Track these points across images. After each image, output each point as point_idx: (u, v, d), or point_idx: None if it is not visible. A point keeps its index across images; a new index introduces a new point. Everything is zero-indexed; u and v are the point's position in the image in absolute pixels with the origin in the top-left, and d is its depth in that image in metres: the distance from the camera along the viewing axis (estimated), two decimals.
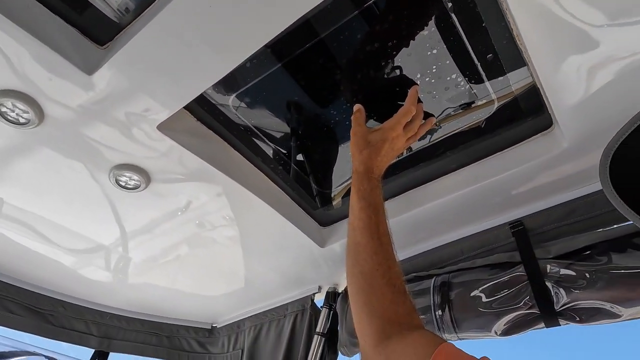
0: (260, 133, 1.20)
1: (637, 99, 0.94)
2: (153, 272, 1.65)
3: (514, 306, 1.06)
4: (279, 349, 1.55)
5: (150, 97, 0.92)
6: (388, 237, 0.93)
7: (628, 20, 0.78)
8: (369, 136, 1.00)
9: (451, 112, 1.12)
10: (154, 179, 1.14)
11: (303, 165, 1.32)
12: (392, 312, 0.84)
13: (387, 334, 0.82)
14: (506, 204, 1.22)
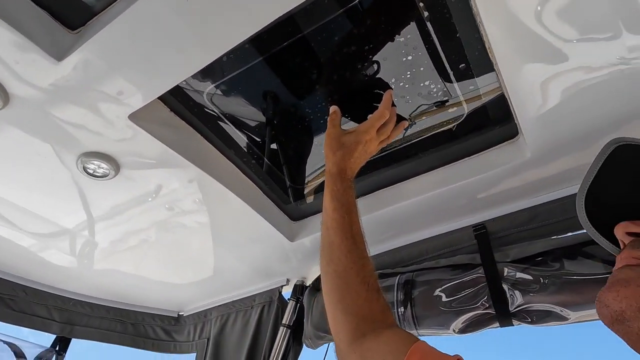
0: (234, 124, 1.19)
1: (597, 114, 0.99)
2: (120, 259, 1.63)
3: (471, 306, 1.11)
4: (245, 339, 1.56)
5: (122, 87, 0.90)
6: (361, 236, 0.95)
7: (595, 37, 0.82)
8: (343, 138, 1.01)
9: (425, 108, 1.15)
10: (123, 168, 1.13)
11: (276, 159, 1.32)
12: (366, 310, 0.86)
13: (361, 332, 0.84)
14: (471, 207, 1.26)
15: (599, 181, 0.57)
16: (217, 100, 1.11)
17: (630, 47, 0.81)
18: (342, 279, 0.90)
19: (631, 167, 0.54)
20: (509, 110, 1.04)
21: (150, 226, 1.45)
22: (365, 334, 0.83)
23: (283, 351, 1.45)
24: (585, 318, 0.99)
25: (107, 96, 0.91)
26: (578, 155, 1.08)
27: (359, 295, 0.88)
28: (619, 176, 0.56)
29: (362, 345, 0.83)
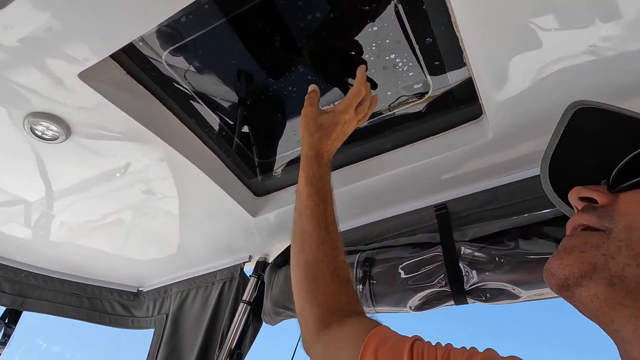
0: (197, 95, 1.15)
1: (560, 99, 0.99)
2: (78, 232, 1.57)
3: (428, 284, 1.12)
4: (205, 315, 1.54)
5: (70, 41, 0.84)
6: (335, 226, 0.93)
7: (568, 24, 0.81)
8: (321, 118, 0.97)
9: (405, 99, 1.13)
10: (75, 132, 1.07)
11: (246, 135, 1.29)
12: (334, 302, 0.85)
13: (327, 323, 0.83)
14: (434, 187, 1.27)
15: (560, 147, 0.56)
16: (181, 71, 1.06)
17: (603, 36, 0.82)
18: (312, 270, 0.88)
19: (589, 131, 0.54)
20: (475, 91, 1.03)
21: (110, 202, 1.40)
22: (330, 325, 0.83)
23: (242, 327, 1.44)
24: (536, 297, 1.01)
25: (53, 50, 0.85)
26: (539, 139, 1.09)
27: (328, 287, 0.86)
28: (578, 141, 0.56)
29: (327, 335, 0.82)
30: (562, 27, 0.82)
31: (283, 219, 1.44)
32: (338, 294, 0.86)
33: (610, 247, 0.44)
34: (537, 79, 0.93)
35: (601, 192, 0.50)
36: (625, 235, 0.44)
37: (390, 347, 0.71)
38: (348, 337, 0.78)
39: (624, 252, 0.43)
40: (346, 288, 0.88)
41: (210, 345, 1.48)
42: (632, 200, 0.47)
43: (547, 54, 0.87)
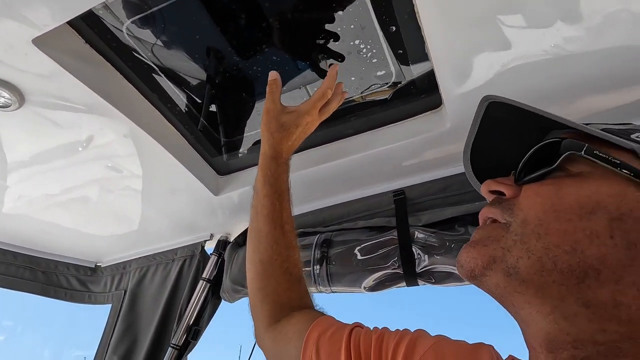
0: (161, 69, 1.13)
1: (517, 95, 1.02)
2: (33, 204, 1.52)
3: (382, 266, 1.16)
4: (164, 292, 1.54)
5: (25, 5, 0.81)
6: (291, 224, 0.94)
7: (533, 23, 0.84)
8: (283, 118, 0.96)
9: (377, 88, 1.15)
10: (28, 100, 1.03)
11: (211, 113, 1.28)
12: (285, 298, 0.89)
13: (277, 318, 0.88)
14: (393, 173, 1.30)
15: (479, 139, 0.59)
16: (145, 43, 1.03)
17: (564, 37, 0.86)
18: (266, 268, 0.91)
19: (502, 124, 0.57)
20: (436, 81, 1.07)
21: (68, 175, 1.36)
22: (280, 320, 0.87)
23: (201, 304, 1.45)
24: None
25: (6, 14, 0.82)
26: None
27: (279, 285, 0.90)
28: (494, 133, 0.59)
29: (276, 329, 0.87)
30: (525, 26, 0.85)
31: (246, 198, 1.44)
32: (289, 291, 0.90)
33: (507, 240, 0.48)
34: (495, 73, 0.97)
35: (508, 185, 0.53)
36: (520, 229, 0.47)
37: (331, 336, 0.76)
38: (294, 329, 0.83)
39: (518, 245, 0.47)
40: (297, 285, 0.91)
41: (168, 321, 1.49)
42: (529, 194, 0.49)
43: (508, 50, 0.90)
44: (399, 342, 0.69)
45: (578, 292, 0.43)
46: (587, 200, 0.45)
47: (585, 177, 0.47)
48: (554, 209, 0.46)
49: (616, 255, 0.43)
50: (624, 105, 1.04)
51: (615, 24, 0.82)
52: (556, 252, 0.44)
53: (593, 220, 0.44)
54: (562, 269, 0.44)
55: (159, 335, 1.48)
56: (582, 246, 0.44)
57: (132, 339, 1.53)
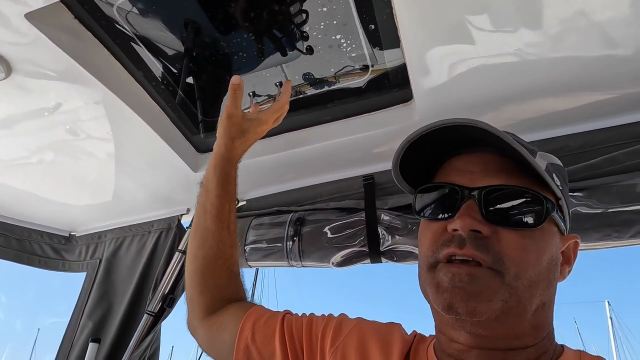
0: (147, 46, 1.16)
1: (482, 92, 1.14)
2: (8, 172, 1.53)
3: (350, 244, 1.27)
4: (139, 262, 1.60)
5: None
6: (235, 223, 1.00)
7: (499, 28, 0.94)
8: (245, 125, 1.01)
9: (350, 69, 1.20)
10: (16, 71, 1.06)
11: (190, 90, 1.32)
12: (223, 293, 0.96)
13: (213, 310, 0.94)
14: (364, 159, 1.40)
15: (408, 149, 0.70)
16: (132, 17, 1.06)
17: (527, 42, 0.96)
18: (210, 265, 0.95)
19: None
20: (407, 77, 1.15)
21: (46, 144, 1.39)
22: (215, 311, 0.94)
23: (177, 274, 1.52)
24: None
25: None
26: None
27: (220, 280, 0.96)
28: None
29: (211, 320, 0.94)
30: (493, 29, 0.95)
31: None
32: (228, 287, 0.97)
33: (504, 293, 0.57)
34: (463, 72, 1.06)
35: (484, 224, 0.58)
36: (515, 283, 0.57)
37: (265, 322, 0.86)
38: (230, 318, 0.91)
39: (513, 297, 0.57)
40: (235, 281, 0.99)
41: (143, 290, 1.55)
42: (515, 246, 0.58)
43: (476, 50, 1.00)
44: (327, 325, 0.80)
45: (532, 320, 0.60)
46: (548, 254, 0.60)
47: (546, 231, 0.60)
48: (536, 264, 0.58)
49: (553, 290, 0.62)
50: (571, 108, 1.17)
51: (571, 33, 0.93)
52: (533, 299, 0.59)
53: (549, 270, 0.60)
54: (532, 308, 0.59)
55: (134, 302, 1.55)
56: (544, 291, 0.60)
57: (107, 305, 1.59)
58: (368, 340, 0.75)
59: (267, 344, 0.82)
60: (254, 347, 0.83)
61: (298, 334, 0.81)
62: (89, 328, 1.57)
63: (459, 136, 0.63)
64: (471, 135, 0.62)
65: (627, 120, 1.16)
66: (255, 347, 0.82)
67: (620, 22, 0.90)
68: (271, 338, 0.82)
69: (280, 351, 0.80)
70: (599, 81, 1.08)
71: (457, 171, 0.65)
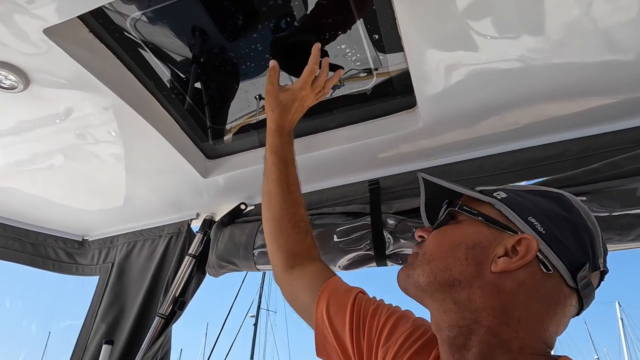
0: (158, 56, 1.20)
1: (484, 98, 1.16)
2: (22, 178, 1.58)
3: (356, 247, 1.30)
4: (150, 266, 1.64)
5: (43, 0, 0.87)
6: (296, 186, 1.13)
7: (502, 34, 0.96)
8: (280, 96, 1.11)
9: (355, 73, 1.23)
10: (33, 83, 1.10)
11: (198, 97, 1.36)
12: (295, 248, 1.09)
13: (291, 265, 1.07)
14: (370, 164, 1.43)
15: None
16: (142, 28, 1.11)
17: (529, 48, 0.98)
18: (277, 223, 1.10)
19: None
20: (411, 84, 1.18)
21: (59, 149, 1.43)
22: (294, 267, 1.07)
23: (187, 278, 1.56)
24: None
25: (22, 6, 0.88)
26: (462, 131, 1.28)
27: (290, 237, 1.09)
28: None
29: (291, 275, 1.07)
30: (496, 36, 0.97)
31: (231, 182, 1.55)
32: (298, 242, 1.09)
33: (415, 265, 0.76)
34: (465, 78, 1.09)
35: (427, 231, 0.80)
36: (421, 258, 0.76)
37: (341, 296, 0.95)
38: (308, 280, 1.03)
39: (418, 268, 0.75)
40: (304, 237, 1.11)
41: (154, 293, 1.59)
42: (430, 238, 0.78)
43: (479, 57, 1.02)
44: (388, 318, 0.88)
45: (450, 295, 0.70)
46: (456, 238, 0.73)
47: (460, 224, 0.76)
48: (439, 245, 0.75)
49: (469, 270, 0.70)
50: (572, 113, 1.19)
51: (573, 39, 0.95)
52: (437, 271, 0.72)
53: (457, 250, 0.72)
54: (440, 281, 0.71)
55: (145, 305, 1.59)
56: (450, 266, 0.71)
57: (120, 308, 1.63)
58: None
59: (340, 316, 0.92)
60: (327, 316, 0.93)
61: (364, 316, 0.90)
62: (102, 330, 1.61)
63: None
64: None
65: (627, 125, 1.18)
66: (329, 317, 0.93)
67: (622, 27, 0.91)
68: (343, 313, 0.92)
69: (348, 327, 0.90)
70: (600, 86, 1.10)
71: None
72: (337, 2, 1.03)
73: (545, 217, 0.72)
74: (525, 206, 0.73)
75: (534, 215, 0.72)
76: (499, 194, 0.75)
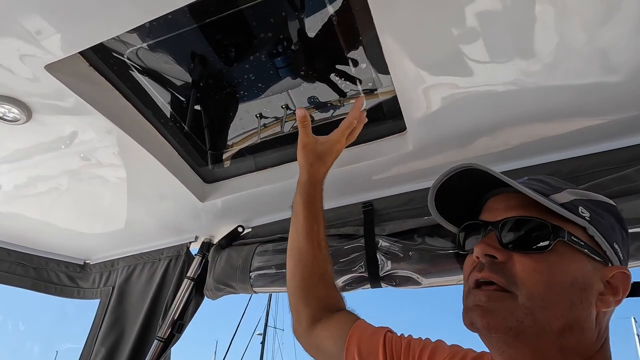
0: (157, 83, 1.24)
1: (473, 120, 1.18)
2: (25, 203, 1.62)
3: (350, 269, 1.31)
4: (150, 288, 1.66)
5: (43, 36, 0.91)
6: (325, 241, 1.11)
7: (492, 58, 0.97)
8: (318, 149, 1.12)
9: (354, 93, 1.26)
10: (36, 116, 1.14)
11: (196, 123, 1.40)
12: (324, 303, 1.06)
13: (317, 319, 1.05)
14: (363, 186, 1.45)
15: (444, 184, 0.75)
16: (142, 56, 1.14)
17: (520, 71, 1.00)
18: (307, 280, 1.07)
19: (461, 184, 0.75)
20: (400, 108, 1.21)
21: (60, 174, 1.46)
22: (320, 320, 1.04)
23: (185, 300, 1.58)
24: (433, 284, 1.23)
25: (25, 43, 0.93)
26: (452, 152, 1.30)
27: (319, 292, 1.07)
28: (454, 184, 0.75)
29: (316, 329, 1.04)
30: (486, 60, 0.98)
31: (229, 205, 1.58)
32: (327, 298, 1.07)
33: (519, 313, 0.62)
34: (454, 101, 1.11)
35: (499, 250, 0.66)
36: (528, 303, 0.62)
37: (369, 337, 0.94)
38: (334, 329, 1.00)
39: (528, 317, 0.62)
40: (334, 291, 1.09)
41: (154, 316, 1.61)
42: (527, 269, 0.64)
43: (468, 81, 1.04)
44: (423, 350, 0.87)
45: (558, 342, 0.62)
46: (567, 276, 0.63)
47: (562, 255, 0.64)
48: (550, 285, 0.62)
49: (583, 315, 0.63)
50: (562, 134, 1.21)
51: (563, 62, 0.97)
52: (552, 319, 0.62)
53: (572, 293, 0.62)
54: (555, 330, 0.62)
55: (145, 328, 1.60)
56: (566, 313, 0.62)
57: (120, 331, 1.65)
58: None
59: (372, 358, 0.90)
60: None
61: (397, 354, 0.89)
62: (102, 354, 1.63)
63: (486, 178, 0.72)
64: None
65: (616, 145, 1.19)
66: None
67: (613, 48, 0.93)
68: (375, 354, 0.90)
69: None
70: (591, 106, 1.11)
71: (488, 210, 0.74)
72: (326, 33, 1.07)
73: (621, 241, 0.69)
74: (607, 229, 0.68)
75: (615, 240, 0.68)
76: (583, 212, 0.67)
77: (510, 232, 0.66)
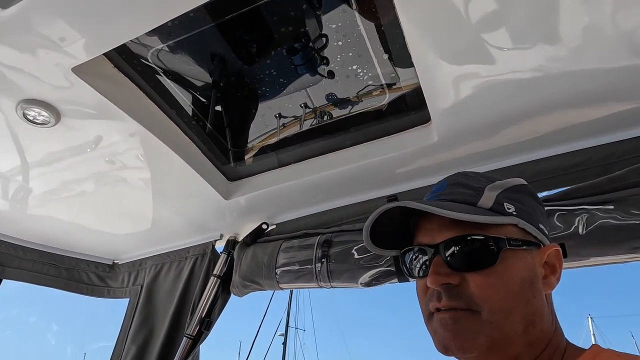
0: (179, 84, 1.25)
1: (498, 109, 1.16)
2: (55, 205, 1.66)
3: (377, 263, 1.30)
4: (177, 287, 1.68)
5: (69, 39, 0.94)
6: None
7: (517, 45, 0.95)
8: None
9: (372, 89, 1.25)
10: (64, 117, 1.17)
11: (218, 121, 1.41)
12: None
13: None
14: (388, 180, 1.43)
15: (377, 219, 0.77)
16: (164, 58, 1.16)
17: (546, 57, 0.97)
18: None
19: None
20: (424, 99, 1.19)
21: (88, 177, 1.50)
22: None
23: (212, 298, 1.59)
24: None
25: (52, 47, 0.95)
26: (480, 142, 1.27)
27: None
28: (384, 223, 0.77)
29: None
30: (510, 46, 0.96)
31: (253, 202, 1.58)
32: None
33: (486, 329, 0.64)
34: (479, 90, 1.09)
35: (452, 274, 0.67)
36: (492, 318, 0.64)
37: None
38: None
39: (495, 331, 0.64)
40: None
41: (182, 314, 1.63)
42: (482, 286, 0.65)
43: (492, 68, 1.02)
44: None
45: (524, 339, 0.65)
46: (517, 279, 0.66)
47: (507, 261, 0.66)
48: (506, 294, 0.65)
49: (537, 305, 0.66)
50: (593, 120, 1.17)
51: (591, 45, 0.93)
52: (515, 324, 0.64)
53: (524, 291, 0.65)
54: (519, 332, 0.64)
55: (173, 326, 1.62)
56: (525, 311, 0.65)
57: (149, 329, 1.68)
58: None
59: None
60: None
61: None
62: (133, 352, 1.66)
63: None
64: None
65: None
66: None
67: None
68: None
69: None
70: (622, 91, 1.07)
71: (423, 231, 0.74)
72: (346, 25, 1.06)
73: (542, 217, 0.71)
74: (530, 215, 0.71)
75: (539, 220, 0.71)
76: (509, 207, 0.70)
77: (455, 254, 0.68)
